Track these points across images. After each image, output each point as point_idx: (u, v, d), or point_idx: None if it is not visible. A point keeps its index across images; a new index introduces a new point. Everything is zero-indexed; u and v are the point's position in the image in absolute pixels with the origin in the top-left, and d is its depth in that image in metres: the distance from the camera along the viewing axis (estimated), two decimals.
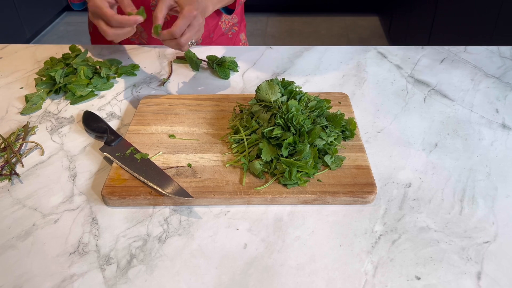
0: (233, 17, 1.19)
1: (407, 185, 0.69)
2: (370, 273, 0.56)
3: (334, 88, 0.93)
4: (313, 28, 3.42)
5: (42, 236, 0.62)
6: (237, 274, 0.56)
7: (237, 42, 1.24)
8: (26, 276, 0.57)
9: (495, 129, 0.81)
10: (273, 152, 0.69)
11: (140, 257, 0.59)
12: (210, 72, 0.99)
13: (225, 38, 1.20)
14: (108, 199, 0.65)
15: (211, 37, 1.16)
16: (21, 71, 1.01)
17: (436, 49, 1.07)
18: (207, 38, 1.16)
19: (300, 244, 0.60)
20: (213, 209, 0.66)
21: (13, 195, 0.68)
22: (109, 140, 0.75)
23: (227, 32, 1.19)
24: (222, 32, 1.18)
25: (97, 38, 1.18)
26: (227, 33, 1.19)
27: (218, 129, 0.79)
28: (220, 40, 1.19)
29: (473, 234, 0.61)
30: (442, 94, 0.91)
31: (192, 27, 0.81)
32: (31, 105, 0.88)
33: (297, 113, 0.70)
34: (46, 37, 3.36)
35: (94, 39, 1.20)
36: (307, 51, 1.07)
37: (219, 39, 1.18)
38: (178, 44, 0.81)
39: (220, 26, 1.16)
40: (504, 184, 0.69)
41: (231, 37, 1.21)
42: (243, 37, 1.26)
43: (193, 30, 0.82)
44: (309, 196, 0.65)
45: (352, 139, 0.76)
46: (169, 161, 0.72)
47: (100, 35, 1.17)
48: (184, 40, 0.81)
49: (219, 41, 1.19)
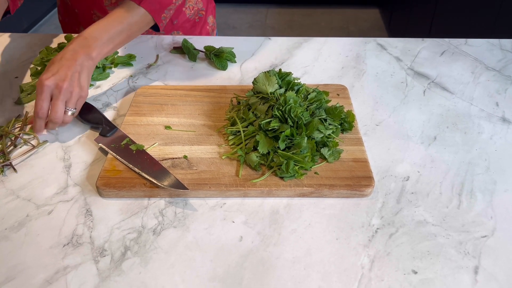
0: (197, 2, 1.14)
1: (405, 178, 0.68)
2: (366, 267, 0.56)
3: (333, 80, 0.92)
4: (313, 20, 3.40)
5: (35, 227, 0.61)
6: (232, 267, 0.56)
7: (204, 26, 1.19)
8: (19, 268, 0.56)
9: (494, 123, 0.80)
10: (270, 144, 0.68)
11: (134, 249, 0.58)
12: (207, 63, 0.98)
13: (191, 23, 1.15)
14: (102, 191, 0.65)
15: (175, 23, 1.12)
16: (16, 60, 0.99)
17: (437, 41, 1.06)
18: (169, 25, 1.12)
19: (296, 237, 0.60)
20: (209, 201, 0.65)
21: (6, 186, 0.67)
22: (104, 131, 0.74)
23: (193, 17, 1.15)
24: (187, 18, 1.13)
25: (67, 27, 1.16)
26: (193, 18, 1.15)
27: (215, 121, 0.78)
28: (185, 25, 1.15)
29: (470, 228, 0.61)
30: (442, 87, 0.90)
31: (55, 97, 0.71)
32: (26, 95, 0.86)
33: (295, 105, 0.69)
34: (43, 27, 3.33)
35: (65, 28, 1.18)
36: (306, 43, 1.06)
37: (183, 25, 1.14)
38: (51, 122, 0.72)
39: (184, 12, 1.12)
40: (503, 178, 0.68)
41: (198, 21, 1.17)
42: (211, 20, 1.21)
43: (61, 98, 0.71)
44: (306, 189, 0.64)
45: (350, 131, 0.75)
46: (165, 153, 0.71)
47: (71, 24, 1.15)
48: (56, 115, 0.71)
49: (184, 27, 1.15)
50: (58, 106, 0.72)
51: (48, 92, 0.71)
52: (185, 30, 1.15)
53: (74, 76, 0.73)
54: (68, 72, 0.72)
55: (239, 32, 3.21)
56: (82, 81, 0.74)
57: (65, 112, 0.73)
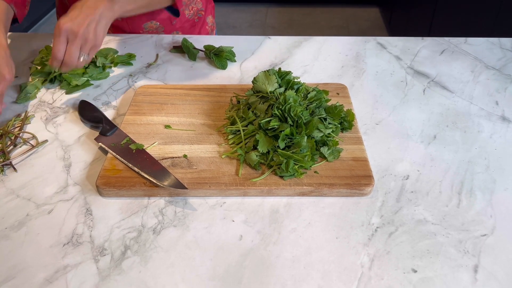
0: (196, 2, 1.14)
1: (404, 177, 0.68)
2: (366, 265, 0.56)
3: (333, 79, 0.92)
4: (313, 19, 3.40)
5: (35, 227, 0.61)
6: (232, 266, 0.56)
7: (204, 26, 1.20)
8: (19, 267, 0.56)
9: (494, 122, 0.80)
10: (269, 143, 0.68)
11: (134, 248, 0.58)
12: (207, 62, 0.98)
13: (190, 24, 1.16)
14: (102, 190, 0.65)
15: (174, 24, 1.12)
16: (16, 59, 0.99)
17: (436, 40, 1.06)
18: (169, 25, 1.12)
19: (296, 236, 0.60)
20: (209, 200, 0.65)
21: (6, 185, 0.67)
22: (104, 130, 0.74)
23: (193, 17, 1.15)
24: (186, 18, 1.14)
25: None
26: (193, 18, 1.16)
27: (215, 120, 0.78)
28: (185, 26, 1.15)
29: (470, 227, 0.61)
30: (442, 85, 0.90)
31: (71, 41, 0.73)
32: (26, 94, 0.87)
33: (294, 104, 0.69)
34: (43, 26, 3.33)
35: None
36: (306, 42, 1.05)
37: (183, 25, 1.15)
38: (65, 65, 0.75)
39: (184, 13, 1.12)
40: (503, 177, 0.68)
41: (198, 21, 1.17)
42: (210, 20, 1.22)
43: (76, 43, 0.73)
44: (306, 188, 0.64)
45: (350, 130, 0.75)
46: (164, 152, 0.71)
47: None
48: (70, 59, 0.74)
49: (183, 27, 1.15)
50: (72, 50, 0.74)
51: (64, 36, 0.73)
52: (185, 31, 1.15)
53: (92, 24, 0.74)
54: (86, 19, 0.74)
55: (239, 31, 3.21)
56: (98, 30, 0.75)
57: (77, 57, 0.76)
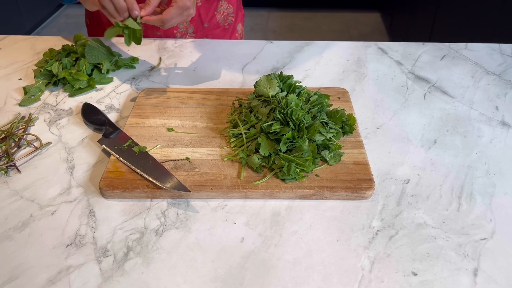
0: (228, 7, 1.17)
1: (405, 181, 0.69)
2: (366, 268, 0.56)
3: (334, 83, 0.93)
4: (314, 23, 3.41)
5: (39, 228, 0.62)
6: (233, 268, 0.56)
7: (234, 33, 1.21)
8: (22, 267, 0.57)
9: (494, 127, 0.80)
10: (271, 146, 0.69)
11: (137, 250, 0.59)
12: (207, 63, 0.99)
13: (221, 30, 1.18)
14: (105, 192, 0.65)
15: (205, 26, 1.14)
16: (20, 62, 1.00)
17: (437, 45, 1.07)
18: (200, 28, 1.14)
19: (297, 238, 0.60)
20: (211, 202, 0.65)
21: (10, 187, 0.68)
22: (107, 133, 0.75)
23: (223, 23, 1.17)
24: (217, 23, 1.16)
25: (94, 31, 1.18)
26: (223, 24, 1.17)
27: (217, 123, 0.78)
28: (215, 32, 1.17)
29: (470, 231, 0.61)
30: (442, 90, 0.90)
31: (181, 16, 0.85)
32: (30, 97, 0.87)
33: (296, 108, 0.70)
34: (46, 29, 3.35)
35: (91, 31, 1.19)
36: (307, 46, 1.06)
37: (214, 31, 1.16)
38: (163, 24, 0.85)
39: (215, 16, 1.14)
40: (503, 182, 0.69)
41: (228, 28, 1.19)
42: (240, 28, 1.24)
43: (180, 19, 0.86)
44: (307, 191, 0.65)
45: (351, 134, 0.75)
46: (167, 154, 0.72)
47: (97, 28, 1.16)
48: (169, 25, 0.85)
49: (215, 33, 1.17)
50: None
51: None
52: (215, 37, 1.17)
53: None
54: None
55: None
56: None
57: None
